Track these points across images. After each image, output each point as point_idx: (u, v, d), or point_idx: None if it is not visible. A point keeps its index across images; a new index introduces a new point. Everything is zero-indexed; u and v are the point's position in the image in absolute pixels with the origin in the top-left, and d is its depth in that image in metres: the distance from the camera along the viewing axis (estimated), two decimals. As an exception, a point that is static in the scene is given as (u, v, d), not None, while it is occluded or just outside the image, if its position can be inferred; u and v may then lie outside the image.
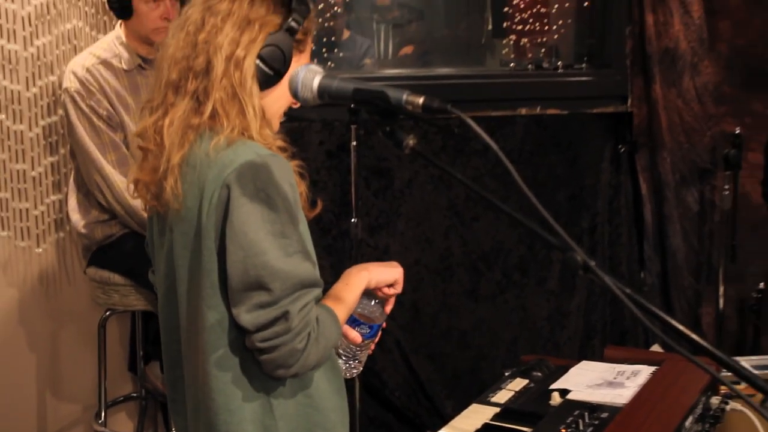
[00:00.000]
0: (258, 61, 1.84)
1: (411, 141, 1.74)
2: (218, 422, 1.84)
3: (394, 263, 2.08)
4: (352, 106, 3.01)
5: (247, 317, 1.73)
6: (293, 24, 1.86)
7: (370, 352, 2.09)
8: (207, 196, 1.76)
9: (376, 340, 2.07)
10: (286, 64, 1.88)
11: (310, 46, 2.00)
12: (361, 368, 2.10)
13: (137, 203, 3.05)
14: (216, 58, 1.82)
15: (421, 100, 1.69)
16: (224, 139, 1.78)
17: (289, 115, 3.14)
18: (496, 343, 4.51)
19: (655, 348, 3.48)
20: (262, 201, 1.74)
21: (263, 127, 1.88)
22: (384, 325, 2.06)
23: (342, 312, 1.92)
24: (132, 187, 1.94)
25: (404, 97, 1.70)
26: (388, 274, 2.03)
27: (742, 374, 1.45)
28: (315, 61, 4.43)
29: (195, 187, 1.80)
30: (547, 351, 4.32)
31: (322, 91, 1.84)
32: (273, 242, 1.75)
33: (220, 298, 1.78)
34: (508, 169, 1.55)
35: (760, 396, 2.10)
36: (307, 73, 1.87)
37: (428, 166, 4.08)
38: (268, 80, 1.86)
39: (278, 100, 1.96)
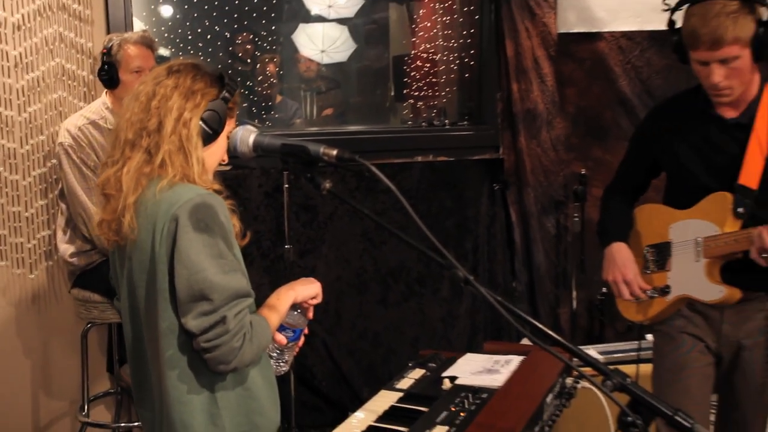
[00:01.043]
0: (201, 123, 1.96)
1: (327, 184, 1.91)
2: (173, 412, 1.96)
3: (313, 280, 2.19)
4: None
5: (193, 323, 1.85)
6: (227, 95, 2.00)
7: (295, 352, 2.19)
8: (159, 229, 1.88)
9: (300, 343, 2.17)
10: (221, 126, 2.02)
11: (236, 113, 2.11)
12: (288, 367, 2.18)
13: None
14: (167, 119, 1.94)
15: (335, 152, 1.87)
16: (167, 182, 1.90)
17: (235, 164, 3.09)
18: (401, 341, 4.67)
19: (525, 341, 3.63)
20: (202, 230, 1.86)
21: (203, 173, 1.99)
22: (306, 330, 2.16)
23: (273, 320, 2.04)
24: (97, 226, 2.02)
25: (321, 149, 1.86)
26: (310, 290, 2.14)
27: (586, 360, 1.70)
28: (256, 121, 4.74)
29: (148, 222, 1.91)
30: (442, 346, 4.37)
31: (257, 146, 1.98)
32: (212, 262, 1.87)
33: (171, 310, 1.89)
34: (404, 204, 1.77)
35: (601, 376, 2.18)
36: (244, 132, 2.01)
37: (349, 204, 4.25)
38: (207, 138, 1.98)
39: (214, 154, 2.06)
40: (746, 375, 2.77)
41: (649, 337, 4.07)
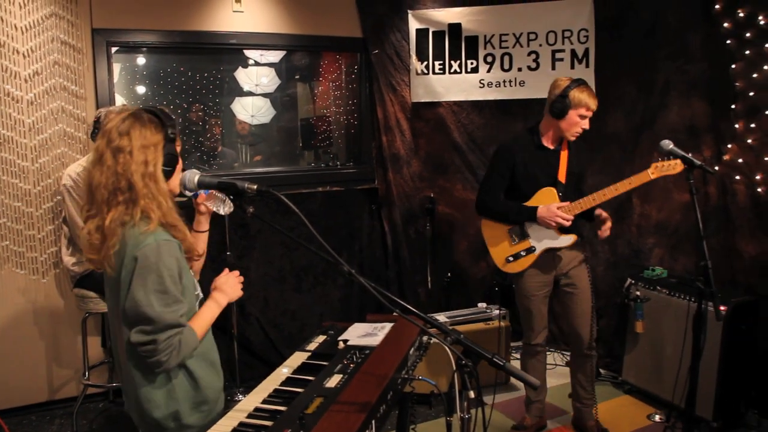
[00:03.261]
0: (163, 168, 1.89)
1: (250, 209, 1.93)
2: (137, 390, 1.94)
3: (227, 273, 2.11)
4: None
5: (133, 336, 1.83)
6: (171, 134, 1.91)
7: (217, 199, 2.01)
8: (125, 264, 1.84)
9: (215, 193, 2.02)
10: (176, 161, 1.95)
11: (179, 141, 2.00)
12: (225, 206, 2.06)
13: None
14: (134, 178, 1.85)
15: (255, 186, 1.89)
16: (137, 228, 1.84)
17: (189, 196, 3.37)
18: (312, 316, 4.78)
19: (396, 314, 3.98)
20: (152, 270, 1.82)
21: (171, 210, 1.90)
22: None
23: (202, 323, 1.96)
24: (87, 260, 1.93)
25: (246, 185, 1.89)
26: (236, 289, 2.09)
27: (433, 324, 1.82)
28: (206, 165, 4.92)
29: (119, 257, 1.86)
30: (340, 319, 4.04)
31: (200, 184, 1.97)
32: (155, 297, 1.81)
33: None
34: (305, 222, 1.78)
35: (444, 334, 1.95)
36: (190, 175, 1.98)
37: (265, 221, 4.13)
38: (168, 174, 1.93)
39: (174, 181, 2.00)
40: (576, 285, 3.51)
41: (481, 304, 4.52)
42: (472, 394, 1.74)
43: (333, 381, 2.00)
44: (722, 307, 3.56)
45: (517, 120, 5.09)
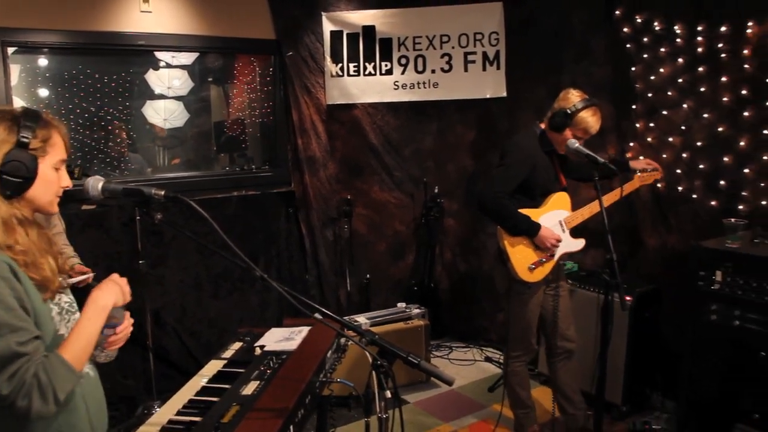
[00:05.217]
0: (4, 176, 1.58)
1: (158, 216, 1.82)
2: None
3: (113, 280, 1.76)
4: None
5: None
6: (23, 139, 1.59)
7: (116, 343, 1.81)
8: None
9: (120, 334, 1.79)
10: (30, 170, 1.61)
11: (58, 146, 1.69)
12: (113, 354, 1.86)
13: None
14: None
15: (162, 192, 1.77)
16: None
17: (99, 203, 2.95)
18: (230, 323, 4.67)
19: (317, 316, 4.04)
20: None
21: (10, 229, 1.57)
22: (124, 323, 1.78)
23: (75, 345, 1.57)
24: None
25: (153, 191, 1.77)
26: (110, 296, 1.70)
27: (348, 326, 1.84)
28: (116, 171, 4.75)
29: None
30: (259, 324, 3.85)
31: (104, 190, 1.80)
32: None
33: None
34: (216, 228, 1.71)
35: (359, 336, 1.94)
36: (93, 182, 1.79)
37: (183, 226, 3.62)
38: (21, 186, 1.61)
39: (45, 192, 1.67)
40: (561, 286, 3.53)
41: (401, 304, 4.56)
42: (388, 394, 1.75)
43: (250, 388, 1.98)
44: (628, 298, 3.73)
45: (431, 121, 5.20)
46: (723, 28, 3.67)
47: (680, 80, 3.93)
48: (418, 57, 4.94)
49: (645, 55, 4.09)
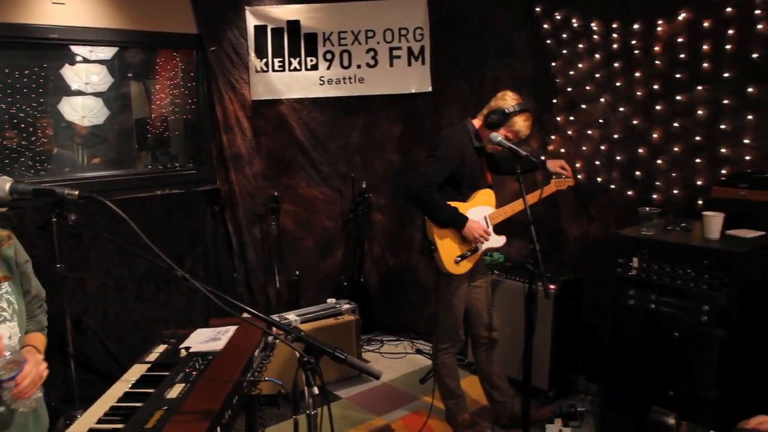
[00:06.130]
0: None
1: (72, 217, 1.75)
2: None
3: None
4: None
5: None
6: None
7: (24, 394, 1.75)
8: None
9: (24, 382, 1.74)
10: None
11: None
12: (33, 402, 1.80)
13: None
14: None
15: (76, 192, 1.72)
16: None
17: (12, 206, 2.88)
18: (156, 325, 4.55)
19: (246, 315, 3.99)
20: None
21: None
22: (21, 376, 1.72)
23: None
24: None
25: (66, 191, 1.71)
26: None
27: (272, 323, 1.81)
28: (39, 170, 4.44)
29: None
30: (186, 326, 3.79)
31: (12, 191, 1.74)
32: None
33: None
34: (133, 227, 1.65)
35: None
36: (1, 183, 1.73)
37: (104, 227, 3.38)
38: None
39: None
40: (483, 278, 3.64)
41: (330, 300, 4.56)
42: (316, 390, 1.73)
43: (175, 391, 1.91)
44: (552, 286, 3.84)
45: (358, 116, 5.22)
46: (636, 26, 3.82)
47: (597, 75, 4.07)
48: (344, 52, 4.93)
49: (564, 51, 4.21)
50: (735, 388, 3.07)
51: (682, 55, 3.65)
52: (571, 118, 4.25)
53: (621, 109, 3.99)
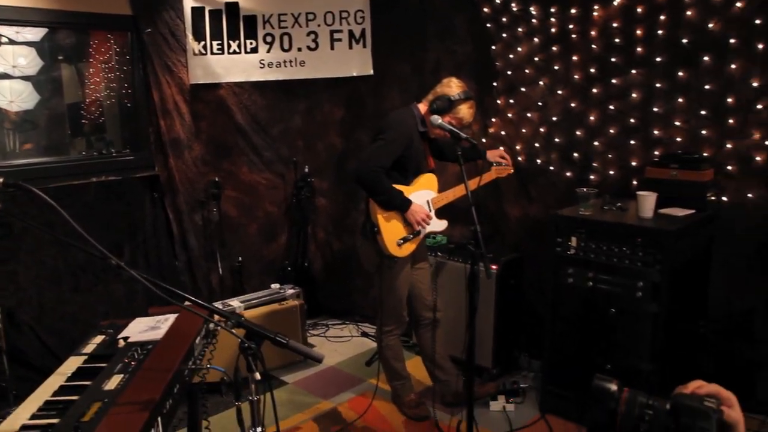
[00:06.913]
0: None
1: None
2: None
3: None
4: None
5: None
6: None
7: None
8: None
9: None
10: None
11: None
12: None
13: None
14: None
15: (1, 180, 1.70)
16: None
17: None
18: (95, 316, 4.38)
19: (188, 304, 3.88)
20: None
21: None
22: None
23: None
24: None
25: None
26: None
27: (212, 309, 1.80)
28: None
29: None
30: (125, 317, 3.67)
31: None
32: None
33: None
34: (64, 215, 1.63)
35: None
36: None
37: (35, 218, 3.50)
38: None
39: None
40: (425, 260, 3.71)
41: (274, 285, 4.53)
42: (258, 376, 1.72)
43: (112, 382, 1.87)
44: (494, 266, 3.90)
45: (299, 100, 5.18)
46: (573, 11, 3.89)
47: (536, 59, 4.13)
48: (284, 35, 4.86)
49: (504, 35, 4.26)
50: (667, 360, 3.19)
51: (617, 40, 3.74)
52: (511, 101, 4.31)
53: (559, 92, 4.06)
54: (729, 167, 3.46)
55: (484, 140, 4.43)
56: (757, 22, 3.25)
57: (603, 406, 1.11)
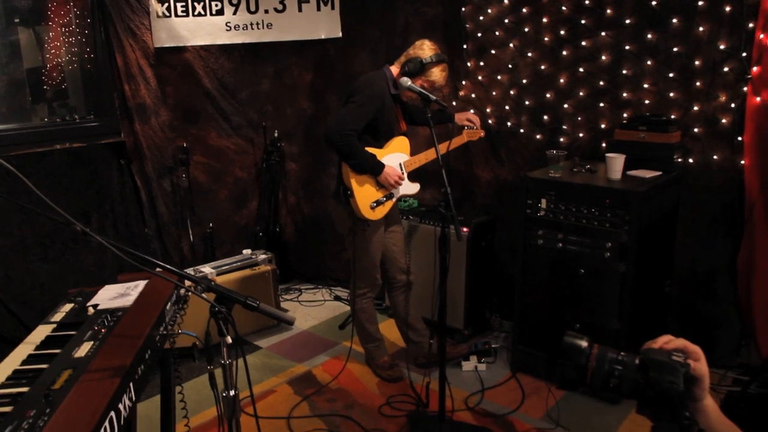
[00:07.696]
0: None
1: None
2: None
3: None
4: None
5: None
6: None
7: None
8: None
9: None
10: None
11: None
12: None
13: None
14: None
15: None
16: None
17: None
18: (65, 286, 4.26)
19: (158, 270, 3.82)
20: None
21: None
22: None
23: None
24: None
25: None
26: None
27: (180, 274, 1.78)
28: None
29: None
30: (95, 285, 4.03)
31: None
32: None
33: None
34: (24, 180, 1.60)
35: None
36: None
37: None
38: None
39: None
40: (398, 223, 3.73)
41: (246, 251, 4.52)
42: (229, 340, 1.72)
43: (83, 350, 1.85)
44: (465, 229, 3.93)
45: (268, 63, 5.12)
46: (542, -30, 3.84)
47: (506, 21, 4.11)
48: (251, -4, 4.71)
49: (473, -5, 4.20)
50: (634, 318, 3.26)
51: (587, 2, 3.74)
52: (482, 63, 4.30)
53: (529, 54, 4.06)
54: (696, 129, 3.50)
55: (454, 103, 4.41)
56: (725, -18, 3.25)
57: (574, 362, 1.13)
